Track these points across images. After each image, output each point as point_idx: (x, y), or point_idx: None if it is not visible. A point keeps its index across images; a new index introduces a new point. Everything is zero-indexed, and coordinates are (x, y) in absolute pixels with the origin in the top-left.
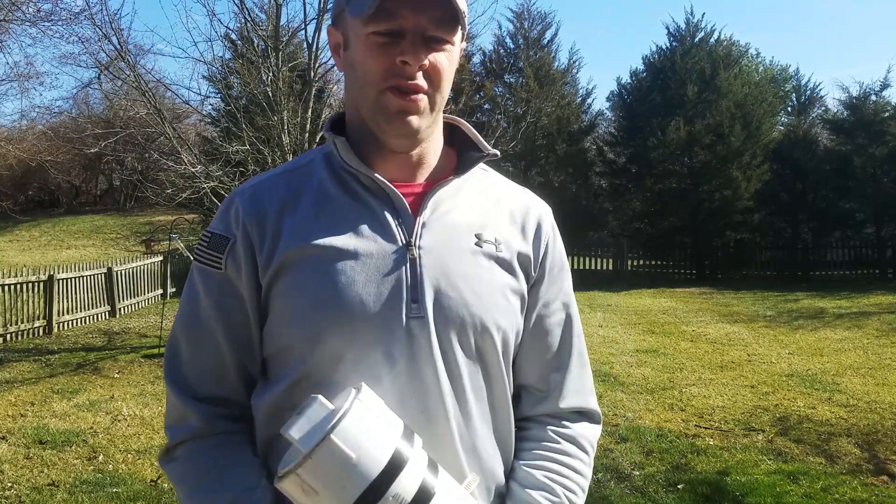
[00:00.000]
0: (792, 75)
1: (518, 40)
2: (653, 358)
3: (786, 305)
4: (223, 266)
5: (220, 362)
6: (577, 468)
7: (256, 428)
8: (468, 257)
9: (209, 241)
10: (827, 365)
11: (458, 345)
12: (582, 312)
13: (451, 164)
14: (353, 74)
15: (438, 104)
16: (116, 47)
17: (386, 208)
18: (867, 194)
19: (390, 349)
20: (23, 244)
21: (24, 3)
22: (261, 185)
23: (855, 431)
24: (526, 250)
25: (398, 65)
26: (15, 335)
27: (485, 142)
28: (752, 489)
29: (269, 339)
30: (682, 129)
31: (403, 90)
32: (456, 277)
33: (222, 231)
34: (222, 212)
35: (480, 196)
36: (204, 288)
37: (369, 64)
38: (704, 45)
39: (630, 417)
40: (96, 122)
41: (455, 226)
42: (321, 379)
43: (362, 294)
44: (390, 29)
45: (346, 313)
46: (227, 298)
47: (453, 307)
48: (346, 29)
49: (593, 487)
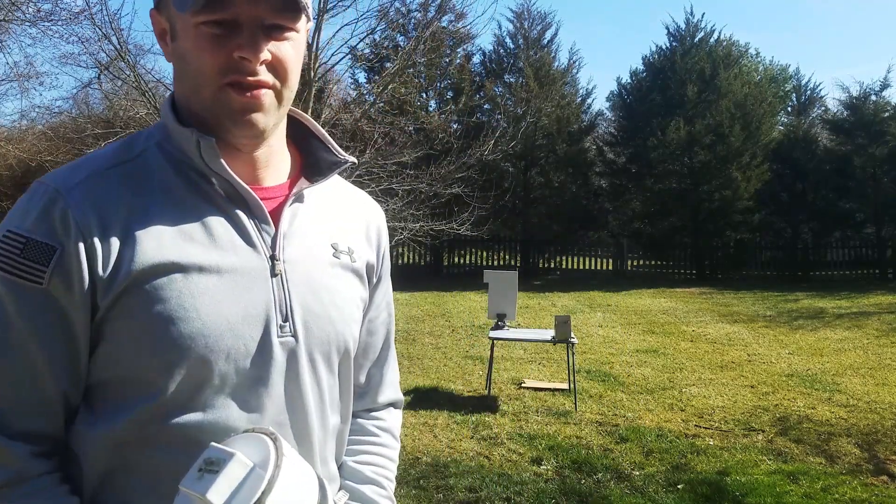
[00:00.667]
0: (792, 75)
1: (518, 40)
2: (653, 358)
3: (786, 305)
4: (44, 281)
5: (39, 393)
6: (394, 458)
7: (83, 462)
8: (328, 270)
9: (22, 248)
10: (827, 365)
11: (322, 363)
12: (582, 312)
13: (296, 164)
14: (184, 69)
15: (286, 98)
16: (116, 47)
17: (246, 217)
18: (867, 194)
19: (264, 372)
20: None
21: (23, 3)
22: (93, 183)
23: (855, 431)
24: (371, 259)
25: (236, 59)
26: None
27: (335, 144)
28: (752, 489)
29: (105, 366)
30: (682, 129)
31: (245, 87)
32: (321, 293)
33: (42, 237)
34: (39, 212)
35: (328, 203)
36: (14, 305)
37: (203, 59)
38: (704, 45)
39: (630, 417)
40: (96, 122)
41: (312, 236)
42: (180, 407)
43: (229, 314)
44: (223, 19)
45: (213, 336)
46: (47, 318)
47: (321, 326)
48: (170, 15)
49: (594, 487)
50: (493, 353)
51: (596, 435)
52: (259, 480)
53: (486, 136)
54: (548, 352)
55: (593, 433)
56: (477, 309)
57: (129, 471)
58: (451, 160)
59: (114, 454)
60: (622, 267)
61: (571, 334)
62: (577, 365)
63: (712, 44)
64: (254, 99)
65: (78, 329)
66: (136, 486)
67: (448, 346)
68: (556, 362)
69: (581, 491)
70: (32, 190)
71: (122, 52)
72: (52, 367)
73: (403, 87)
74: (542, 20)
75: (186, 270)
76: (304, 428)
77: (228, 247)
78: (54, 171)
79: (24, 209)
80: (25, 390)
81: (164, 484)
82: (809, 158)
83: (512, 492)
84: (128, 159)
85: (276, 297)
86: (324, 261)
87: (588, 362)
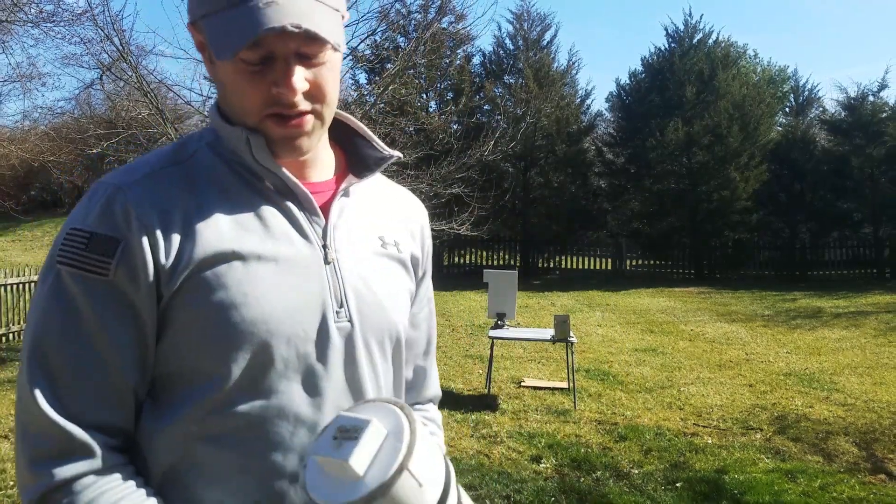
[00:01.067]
0: (790, 76)
1: (517, 41)
2: (651, 357)
3: (784, 305)
4: (110, 272)
5: (111, 386)
6: (443, 447)
7: (149, 457)
8: (377, 259)
9: (87, 242)
10: (825, 364)
11: (377, 349)
12: (581, 312)
13: (340, 161)
14: (227, 94)
15: (327, 116)
16: (118, 48)
17: (297, 209)
18: (865, 194)
19: (323, 357)
20: (25, 244)
21: (26, 4)
22: (151, 181)
23: (852, 430)
24: (416, 252)
25: (274, 94)
26: (17, 335)
27: (381, 142)
28: (751, 487)
29: (170, 356)
30: (681, 130)
31: (286, 117)
32: (371, 281)
33: (106, 231)
34: (101, 208)
35: (374, 198)
36: (84, 298)
37: (243, 94)
38: (703, 46)
39: (629, 416)
40: (98, 122)
41: (361, 228)
42: (244, 393)
43: (287, 300)
44: (260, 56)
45: (273, 321)
46: (116, 311)
47: (374, 312)
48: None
49: (592, 485)
50: (492, 352)
51: (595, 433)
52: (398, 446)
53: (485, 137)
54: (547, 351)
55: (592, 432)
56: (477, 308)
57: (194, 463)
58: (452, 161)
59: (178, 447)
60: (621, 267)
61: (571, 333)
62: (576, 364)
63: (711, 45)
64: (296, 127)
65: (145, 319)
66: (200, 478)
67: (448, 345)
68: (555, 361)
69: (580, 489)
70: (93, 190)
71: (124, 53)
72: (123, 359)
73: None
74: (542, 21)
75: (245, 259)
76: None
77: (283, 237)
78: (111, 173)
79: (86, 207)
80: (99, 382)
81: (227, 474)
82: (807, 159)
83: (511, 490)
84: (181, 160)
85: (331, 285)
86: (373, 251)
87: (587, 361)
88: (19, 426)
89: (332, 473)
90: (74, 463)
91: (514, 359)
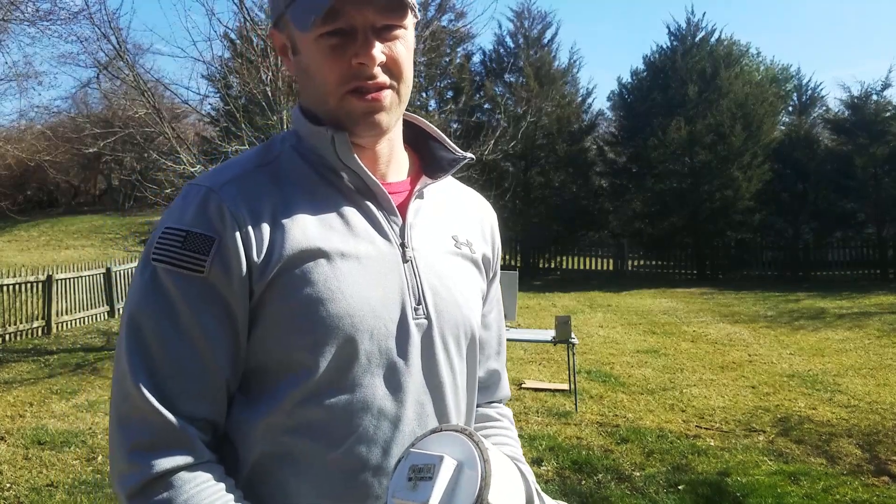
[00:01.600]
0: (793, 75)
1: (518, 39)
2: (653, 358)
3: (787, 306)
4: (205, 269)
5: (205, 380)
6: (518, 442)
7: (240, 450)
8: (451, 259)
9: (183, 240)
10: (828, 365)
11: (453, 346)
12: (582, 313)
13: (414, 163)
14: (309, 81)
15: (404, 95)
16: (115, 46)
17: (376, 208)
18: (868, 194)
19: (404, 352)
20: (21, 244)
21: (22, 3)
22: (241, 181)
23: (856, 432)
24: (487, 253)
25: (355, 66)
26: (14, 335)
27: (452, 143)
28: (753, 490)
29: (260, 350)
30: (683, 129)
31: (365, 91)
32: (446, 279)
33: (201, 230)
34: (196, 207)
35: (447, 199)
36: (179, 294)
37: (325, 70)
38: (705, 44)
39: (630, 418)
40: (95, 121)
41: (435, 227)
42: (331, 387)
43: (370, 296)
44: (339, 28)
45: (357, 316)
46: (211, 307)
47: (450, 310)
48: (290, 33)
49: (594, 488)
50: None
51: (596, 436)
52: (474, 478)
53: (486, 136)
54: (548, 352)
55: (594, 434)
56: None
57: (283, 454)
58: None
59: (268, 438)
60: (623, 267)
61: (572, 335)
62: (577, 365)
63: (713, 43)
64: (375, 101)
65: (238, 315)
66: (288, 468)
67: None
68: (556, 363)
69: (581, 492)
70: (185, 191)
71: (120, 52)
72: (217, 354)
73: None
74: (543, 19)
75: (330, 256)
76: (442, 408)
77: (364, 235)
78: (203, 176)
79: (181, 207)
80: (196, 377)
81: (314, 465)
82: (810, 158)
83: None
84: (267, 162)
85: (409, 282)
86: (447, 250)
87: (588, 363)
88: (118, 417)
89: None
90: (173, 456)
91: (514, 360)
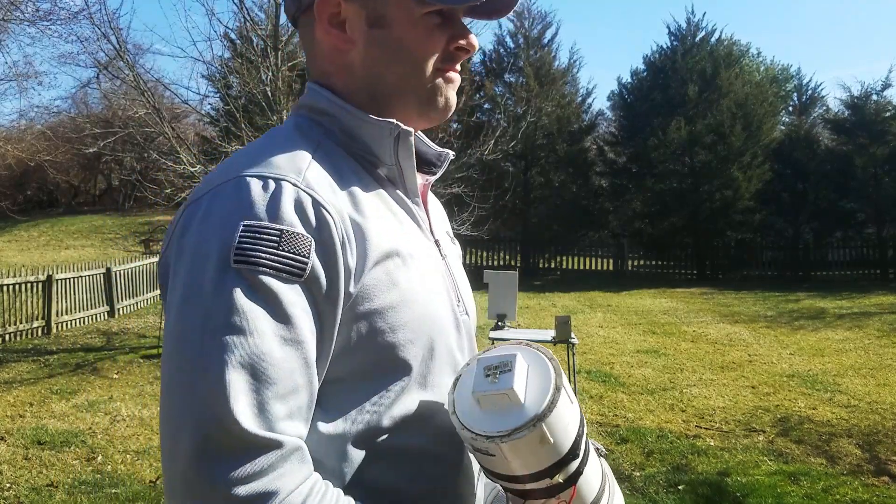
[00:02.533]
0: (793, 75)
1: (518, 39)
2: (653, 358)
3: (787, 306)
4: (305, 273)
5: (307, 393)
6: None
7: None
8: (455, 252)
9: (278, 240)
10: (828, 365)
11: (474, 340)
12: (582, 313)
13: None
14: (394, 56)
15: None
16: (115, 46)
17: (413, 203)
18: (868, 194)
19: (460, 347)
20: (21, 244)
21: (23, 3)
22: (313, 171)
23: (856, 432)
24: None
25: (452, 51)
26: (13, 335)
27: None
28: (753, 490)
29: (343, 357)
30: (683, 129)
31: (453, 76)
32: (460, 274)
33: (298, 227)
34: (285, 200)
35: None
36: (283, 303)
37: (427, 48)
38: (705, 44)
39: (630, 418)
40: (95, 121)
41: (439, 223)
42: (417, 385)
43: (435, 294)
44: (442, 10)
45: (432, 315)
46: (312, 316)
47: (472, 305)
48: (376, 4)
49: None
50: None
51: (596, 435)
52: (546, 371)
53: (486, 136)
54: None
55: (594, 434)
56: (477, 309)
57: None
58: (451, 160)
59: (354, 445)
60: (623, 267)
61: (572, 335)
62: (577, 365)
63: (713, 43)
64: (455, 88)
65: (333, 324)
66: (379, 469)
67: None
68: None
69: None
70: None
71: (120, 52)
72: (320, 369)
73: None
74: (543, 19)
75: (402, 256)
76: None
77: (414, 232)
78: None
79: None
80: (300, 390)
81: (404, 464)
82: (810, 158)
83: None
84: (316, 147)
85: (448, 279)
86: (451, 245)
87: (588, 363)
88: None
89: (488, 408)
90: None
91: None
